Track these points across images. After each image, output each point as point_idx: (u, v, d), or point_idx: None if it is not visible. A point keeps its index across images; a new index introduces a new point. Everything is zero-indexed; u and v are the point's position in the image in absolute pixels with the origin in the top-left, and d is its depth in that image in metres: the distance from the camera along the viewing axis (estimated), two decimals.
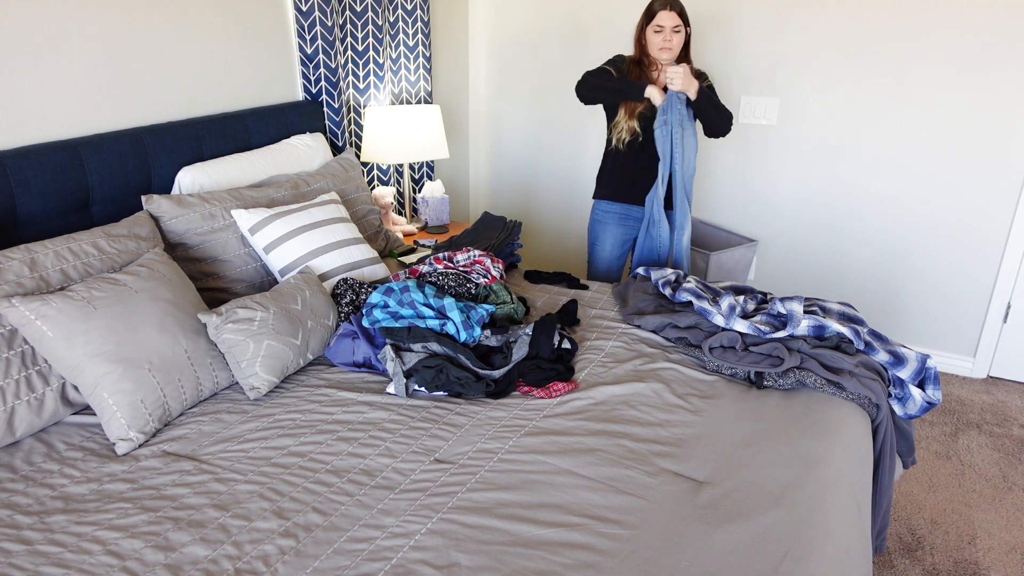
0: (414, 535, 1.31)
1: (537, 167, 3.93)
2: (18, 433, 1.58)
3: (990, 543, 2.19)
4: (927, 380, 1.84)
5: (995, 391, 3.08)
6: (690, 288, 2.13)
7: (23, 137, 1.94)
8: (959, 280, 3.11)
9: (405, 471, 1.49)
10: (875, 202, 3.16)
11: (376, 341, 1.91)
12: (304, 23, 2.69)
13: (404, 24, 3.19)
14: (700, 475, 1.50)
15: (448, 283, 2.13)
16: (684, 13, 2.45)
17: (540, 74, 3.74)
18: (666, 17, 2.44)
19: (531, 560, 1.25)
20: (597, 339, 2.08)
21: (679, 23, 2.43)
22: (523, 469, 1.50)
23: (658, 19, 2.45)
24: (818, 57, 3.09)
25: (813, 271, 3.40)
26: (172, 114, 2.33)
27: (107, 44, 2.10)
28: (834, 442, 1.60)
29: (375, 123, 2.94)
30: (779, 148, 3.29)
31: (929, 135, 2.98)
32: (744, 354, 1.87)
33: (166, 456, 1.56)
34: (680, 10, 2.44)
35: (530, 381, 1.81)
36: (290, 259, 2.14)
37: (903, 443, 1.95)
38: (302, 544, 1.29)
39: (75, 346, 1.57)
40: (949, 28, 2.83)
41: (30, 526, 1.34)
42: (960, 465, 2.58)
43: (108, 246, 1.81)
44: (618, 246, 2.78)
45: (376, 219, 2.71)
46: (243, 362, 1.75)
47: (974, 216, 3.00)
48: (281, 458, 1.54)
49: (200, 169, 2.26)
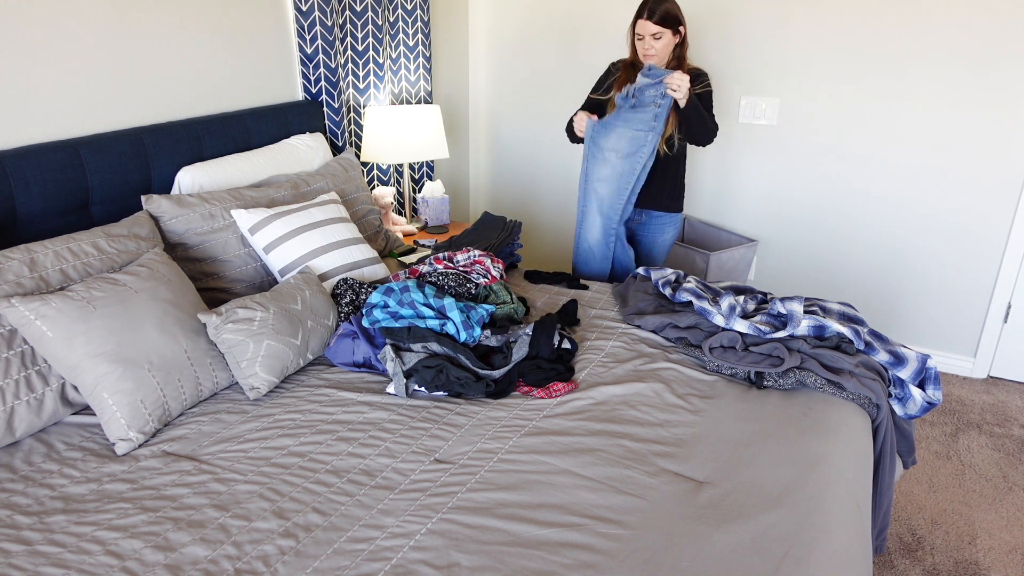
0: (414, 535, 1.31)
1: (537, 167, 3.93)
2: (18, 433, 1.58)
3: (990, 543, 2.19)
4: (927, 380, 1.84)
5: (995, 391, 3.08)
6: (690, 288, 2.13)
7: (23, 137, 1.94)
8: (959, 280, 3.11)
9: (405, 471, 1.49)
10: (875, 202, 3.16)
11: (376, 341, 1.91)
12: (304, 23, 2.69)
13: (404, 24, 3.19)
14: (700, 475, 1.49)
15: (448, 283, 2.13)
16: (669, 17, 2.39)
17: (540, 74, 3.74)
18: (643, 25, 2.41)
19: (531, 560, 1.25)
20: (597, 339, 2.08)
21: (659, 30, 2.39)
22: (523, 469, 1.50)
23: (637, 27, 2.43)
24: (818, 57, 3.09)
25: (813, 271, 3.40)
26: (172, 114, 2.33)
27: (107, 44, 2.10)
28: (834, 442, 1.60)
29: (375, 123, 2.94)
30: (779, 148, 3.29)
31: (929, 135, 2.98)
32: (744, 354, 1.87)
33: (166, 456, 1.55)
34: (661, 17, 2.38)
35: (530, 381, 1.81)
36: (290, 259, 2.14)
37: (903, 443, 1.95)
38: (302, 544, 1.29)
39: (75, 346, 1.56)
40: (949, 28, 2.83)
41: (30, 526, 1.33)
42: (960, 465, 2.57)
43: (108, 246, 1.81)
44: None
45: (376, 219, 2.71)
46: (243, 362, 1.75)
47: (974, 216, 3.00)
48: (281, 458, 1.54)
49: (200, 169, 2.25)
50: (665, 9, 2.39)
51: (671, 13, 2.40)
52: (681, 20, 2.43)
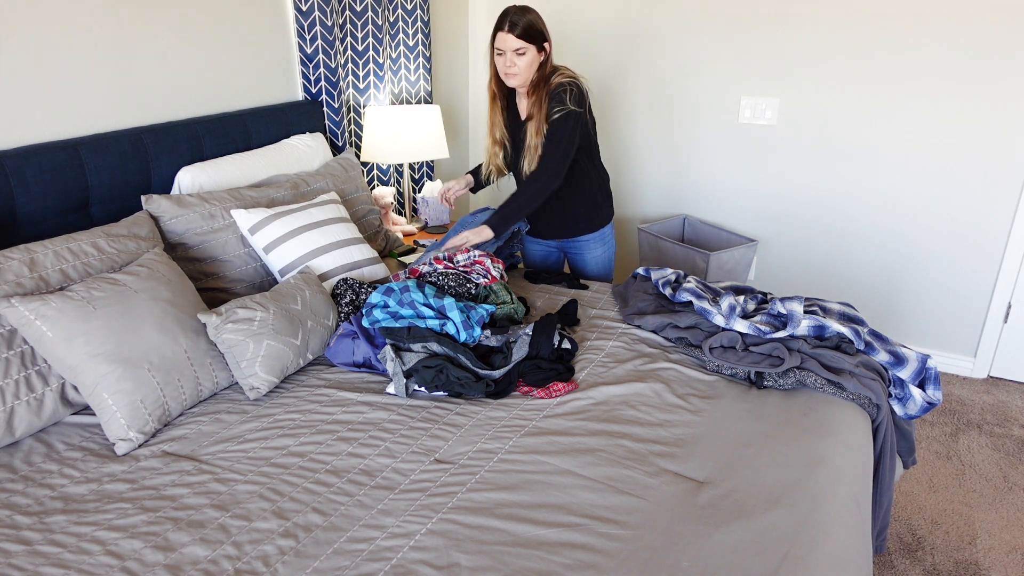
0: (414, 535, 1.31)
1: None
2: (17, 433, 1.58)
3: (990, 543, 2.19)
4: (927, 380, 1.84)
5: (995, 391, 3.08)
6: (690, 288, 2.13)
7: (23, 137, 1.94)
8: (959, 280, 3.11)
9: (405, 471, 1.49)
10: (875, 202, 3.16)
11: (376, 341, 1.91)
12: (304, 23, 2.69)
13: (404, 24, 3.19)
14: (700, 475, 1.49)
15: (448, 283, 2.13)
16: (532, 31, 2.11)
17: None
18: (504, 39, 2.12)
19: (531, 560, 1.25)
20: (597, 339, 2.08)
21: (522, 45, 2.11)
22: (523, 469, 1.50)
23: (497, 41, 2.15)
24: (818, 57, 3.09)
25: (813, 271, 3.40)
26: (172, 114, 2.33)
27: (107, 44, 2.10)
28: (834, 442, 1.60)
29: (375, 123, 2.94)
30: (779, 148, 3.29)
31: (929, 135, 2.98)
32: (744, 354, 1.86)
33: (166, 456, 1.55)
34: (523, 31, 2.09)
35: (530, 381, 1.81)
36: (290, 259, 2.14)
37: (903, 443, 1.95)
38: (302, 544, 1.29)
39: (75, 346, 1.56)
40: (950, 27, 2.83)
41: (30, 526, 1.33)
42: (960, 465, 2.57)
43: (108, 246, 1.81)
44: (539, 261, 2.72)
45: (376, 219, 2.71)
46: (243, 362, 1.75)
47: (974, 215, 3.00)
48: (281, 458, 1.54)
49: (200, 169, 2.25)
50: (528, 21, 2.11)
51: (535, 27, 2.13)
52: (546, 35, 2.17)
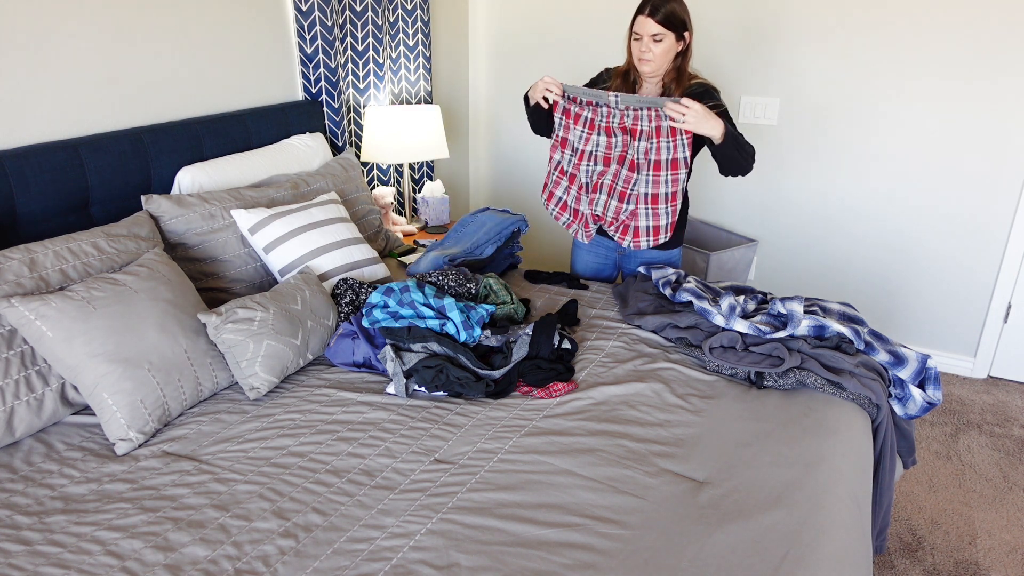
0: (414, 535, 1.31)
1: (537, 167, 3.93)
2: (17, 433, 1.58)
3: (990, 543, 2.19)
4: (927, 380, 1.84)
5: (995, 391, 3.08)
6: (690, 288, 2.13)
7: (23, 137, 1.94)
8: (960, 280, 3.11)
9: (405, 471, 1.49)
10: (875, 202, 3.16)
11: (376, 341, 1.91)
12: (304, 23, 2.69)
13: (404, 24, 3.19)
14: (700, 475, 1.49)
15: (448, 283, 2.13)
16: (674, 19, 2.06)
17: (540, 73, 3.73)
18: (643, 23, 2.08)
19: (531, 560, 1.25)
20: (597, 339, 2.08)
21: (660, 31, 2.06)
22: (523, 469, 1.50)
23: (636, 25, 2.10)
24: (818, 57, 3.09)
25: (813, 271, 3.40)
26: (172, 114, 2.33)
27: (107, 44, 2.10)
28: (834, 442, 1.60)
29: (375, 123, 2.94)
30: (779, 148, 3.29)
31: (929, 135, 2.98)
32: (744, 354, 1.86)
33: (166, 456, 1.55)
34: (664, 17, 2.05)
35: (530, 381, 1.81)
36: (290, 259, 2.14)
37: (903, 443, 1.95)
38: (302, 544, 1.29)
39: (75, 346, 1.56)
40: (949, 27, 2.83)
41: (30, 526, 1.33)
42: (960, 465, 2.57)
43: (108, 246, 1.81)
44: (591, 274, 2.59)
45: (376, 219, 2.71)
46: (243, 362, 1.75)
47: (974, 216, 3.00)
48: (281, 458, 1.54)
49: (200, 169, 2.25)
50: (670, 8, 2.05)
51: (677, 15, 2.07)
52: (688, 25, 2.10)
